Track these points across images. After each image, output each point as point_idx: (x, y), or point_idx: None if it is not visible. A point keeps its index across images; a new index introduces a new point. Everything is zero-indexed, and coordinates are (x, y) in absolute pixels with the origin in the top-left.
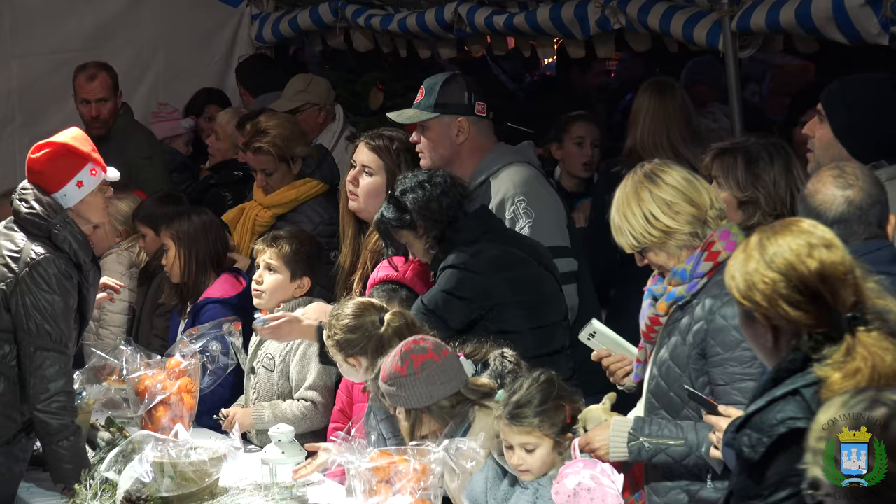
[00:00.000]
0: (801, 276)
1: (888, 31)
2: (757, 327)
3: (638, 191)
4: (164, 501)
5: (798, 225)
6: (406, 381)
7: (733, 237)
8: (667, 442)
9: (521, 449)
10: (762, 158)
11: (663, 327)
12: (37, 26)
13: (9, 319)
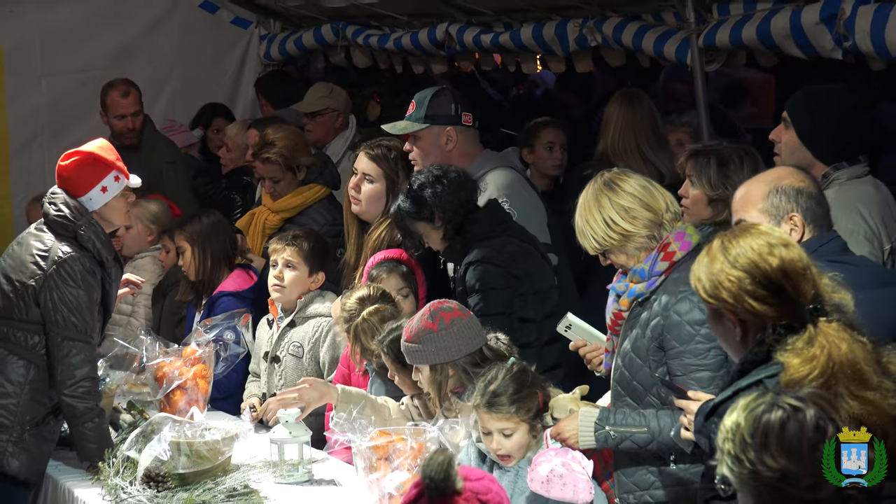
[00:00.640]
0: (765, 273)
1: (841, 47)
2: (725, 324)
3: (598, 198)
4: (181, 478)
5: (757, 228)
6: (437, 335)
7: (688, 237)
8: (630, 430)
9: (500, 434)
10: (733, 161)
11: (626, 321)
12: (64, 47)
13: (38, 312)
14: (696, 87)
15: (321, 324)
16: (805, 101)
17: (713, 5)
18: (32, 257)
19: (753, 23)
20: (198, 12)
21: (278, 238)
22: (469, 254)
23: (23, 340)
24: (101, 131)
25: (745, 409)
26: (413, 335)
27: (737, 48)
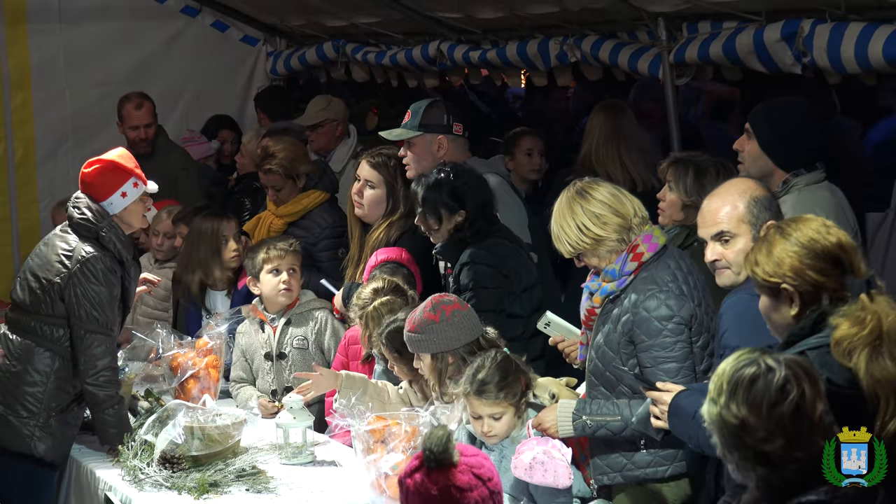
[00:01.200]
0: (824, 247)
1: (800, 62)
2: (781, 302)
3: (571, 205)
4: (194, 459)
5: (807, 217)
6: (438, 326)
7: (655, 239)
8: (606, 419)
9: (490, 418)
10: (710, 172)
11: (598, 317)
12: (86, 63)
13: (63, 307)
14: (667, 99)
15: (319, 316)
16: (766, 114)
17: (683, 24)
18: (58, 257)
19: (720, 40)
20: (209, 31)
21: (278, 248)
22: (463, 255)
23: (49, 333)
24: (121, 141)
25: (735, 359)
26: (416, 325)
27: (705, 63)
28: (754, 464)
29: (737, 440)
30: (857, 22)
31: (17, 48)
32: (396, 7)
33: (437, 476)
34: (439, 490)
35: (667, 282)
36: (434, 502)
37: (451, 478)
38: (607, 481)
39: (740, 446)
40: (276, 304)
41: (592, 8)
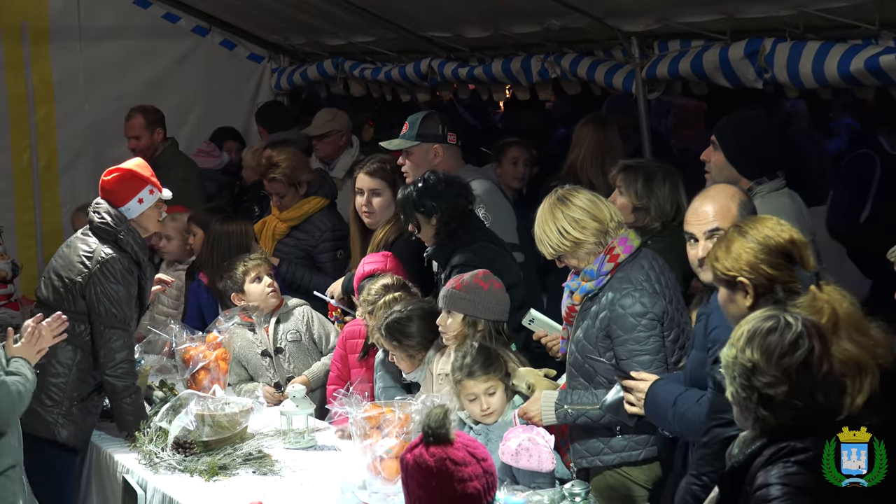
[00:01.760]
0: (778, 244)
1: (762, 78)
2: (737, 293)
3: (553, 211)
4: (205, 444)
5: (763, 217)
6: (483, 293)
7: (630, 242)
8: (586, 408)
9: (485, 394)
10: (657, 177)
11: (578, 314)
12: (104, 78)
13: (84, 304)
14: (640, 112)
15: (301, 311)
16: (730, 126)
17: (654, 43)
18: (79, 258)
19: (688, 57)
20: (218, 49)
21: (253, 259)
22: (453, 256)
23: (71, 328)
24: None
25: (759, 313)
26: (463, 285)
27: (674, 79)
28: (758, 405)
29: (746, 381)
30: (814, 41)
31: (40, 65)
32: (391, 27)
33: (434, 450)
34: (435, 462)
35: (641, 281)
36: (430, 473)
37: (448, 452)
38: (586, 464)
39: (748, 387)
40: (267, 306)
41: (571, 28)
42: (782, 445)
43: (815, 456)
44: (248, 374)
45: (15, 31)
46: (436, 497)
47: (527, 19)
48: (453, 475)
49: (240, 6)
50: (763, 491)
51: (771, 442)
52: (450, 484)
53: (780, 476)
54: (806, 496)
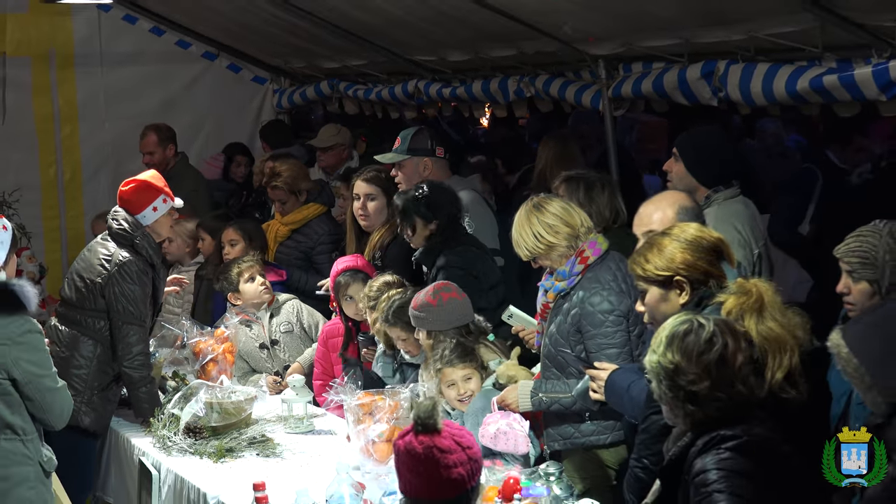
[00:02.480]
0: (708, 242)
1: (716, 96)
2: (671, 291)
3: (529, 217)
4: (213, 429)
5: (683, 224)
6: (435, 309)
7: (598, 245)
8: (559, 396)
9: (463, 380)
10: (596, 186)
11: (551, 310)
12: (123, 100)
13: (103, 303)
14: (606, 128)
15: (291, 305)
16: (690, 140)
17: (619, 65)
18: (99, 261)
19: (650, 78)
20: (225, 72)
21: (245, 261)
22: (439, 259)
23: (91, 325)
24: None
25: (673, 320)
26: (418, 305)
27: (637, 98)
28: (685, 402)
29: (671, 382)
30: (763, 62)
31: (65, 88)
32: (381, 51)
33: (423, 438)
34: (423, 449)
35: (608, 281)
36: (419, 460)
37: (435, 441)
38: (558, 447)
39: (674, 387)
40: (260, 303)
41: (544, 52)
42: (713, 434)
43: (745, 441)
44: (251, 367)
45: (43, 58)
46: (423, 481)
47: (504, 44)
48: (439, 462)
49: (244, 33)
50: (701, 477)
51: (702, 433)
52: (436, 469)
53: (716, 462)
54: (741, 478)
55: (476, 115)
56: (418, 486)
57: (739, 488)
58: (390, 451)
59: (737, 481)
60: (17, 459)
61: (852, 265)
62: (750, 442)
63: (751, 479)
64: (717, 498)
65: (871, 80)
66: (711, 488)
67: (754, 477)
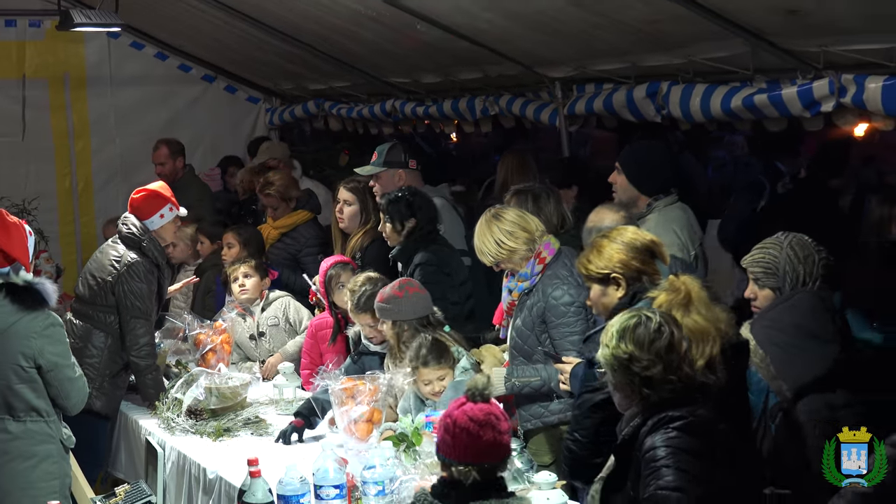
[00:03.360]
0: (642, 243)
1: (660, 113)
2: (609, 287)
3: (489, 226)
4: (212, 412)
5: (622, 227)
6: (400, 300)
7: (552, 246)
8: (530, 380)
9: (437, 380)
10: (543, 197)
11: (516, 307)
12: (131, 118)
13: (113, 299)
14: (562, 142)
15: (281, 301)
16: (630, 155)
17: (573, 86)
18: (110, 261)
19: (601, 97)
20: (222, 93)
21: (235, 265)
22: (416, 257)
23: (103, 319)
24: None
25: (620, 316)
26: (384, 298)
27: (590, 115)
28: (640, 387)
29: (626, 370)
30: (701, 83)
31: (79, 106)
32: (362, 75)
33: (482, 405)
34: (484, 414)
35: (566, 276)
36: (479, 422)
37: (492, 406)
38: (530, 426)
39: (629, 374)
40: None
41: (507, 74)
42: (661, 416)
43: (690, 421)
44: (243, 354)
45: (59, 80)
46: (484, 445)
47: (471, 67)
48: (496, 426)
49: (240, 58)
50: (651, 453)
51: (652, 414)
52: (495, 433)
53: (664, 440)
54: (686, 454)
55: (446, 130)
56: (478, 451)
57: (685, 463)
58: (370, 429)
59: (682, 457)
60: (41, 438)
61: (756, 274)
62: (695, 422)
63: (695, 455)
64: (665, 472)
65: (796, 99)
66: (660, 463)
67: (698, 453)
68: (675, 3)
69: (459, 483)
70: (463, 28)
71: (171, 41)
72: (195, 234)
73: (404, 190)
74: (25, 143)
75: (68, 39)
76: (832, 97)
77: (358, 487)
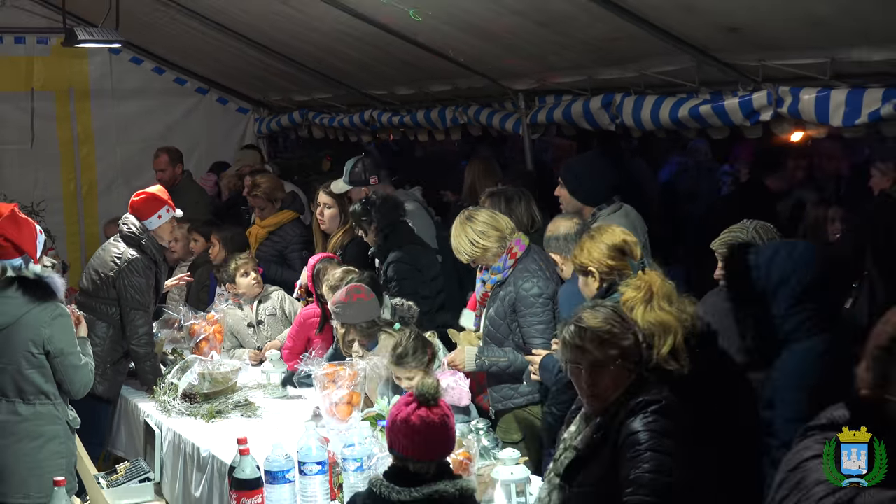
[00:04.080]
0: (615, 243)
1: (614, 122)
2: (589, 279)
3: (464, 227)
4: (205, 395)
5: (607, 225)
6: (345, 306)
7: (522, 242)
8: (497, 360)
9: (406, 379)
10: (515, 199)
11: (490, 298)
12: (131, 126)
13: (115, 293)
14: (525, 148)
15: (277, 295)
16: (569, 169)
17: (535, 97)
18: (112, 258)
19: (560, 108)
20: (215, 104)
21: (241, 258)
22: (389, 255)
23: (105, 310)
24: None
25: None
26: (335, 301)
27: (550, 124)
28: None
29: (580, 350)
30: (651, 95)
31: (83, 117)
32: (342, 87)
33: (434, 409)
34: (439, 417)
35: (535, 270)
36: (436, 426)
37: (442, 408)
38: (500, 407)
39: (579, 359)
40: (252, 293)
41: (475, 87)
42: (638, 400)
43: (664, 405)
44: (238, 341)
45: (64, 93)
46: (441, 445)
47: (442, 81)
48: (447, 424)
49: (231, 72)
50: (633, 437)
51: (629, 398)
52: (450, 430)
53: (644, 424)
54: (665, 437)
55: (419, 138)
56: (437, 450)
57: (666, 447)
58: (350, 411)
59: (662, 440)
60: (50, 419)
61: (724, 255)
62: (669, 405)
63: (672, 437)
64: (647, 457)
65: (738, 109)
66: (642, 447)
67: (675, 436)
68: (628, 23)
69: (417, 474)
70: (436, 45)
71: (167, 56)
72: (188, 234)
73: (363, 200)
74: (34, 150)
75: (73, 55)
76: (770, 107)
77: (338, 464)
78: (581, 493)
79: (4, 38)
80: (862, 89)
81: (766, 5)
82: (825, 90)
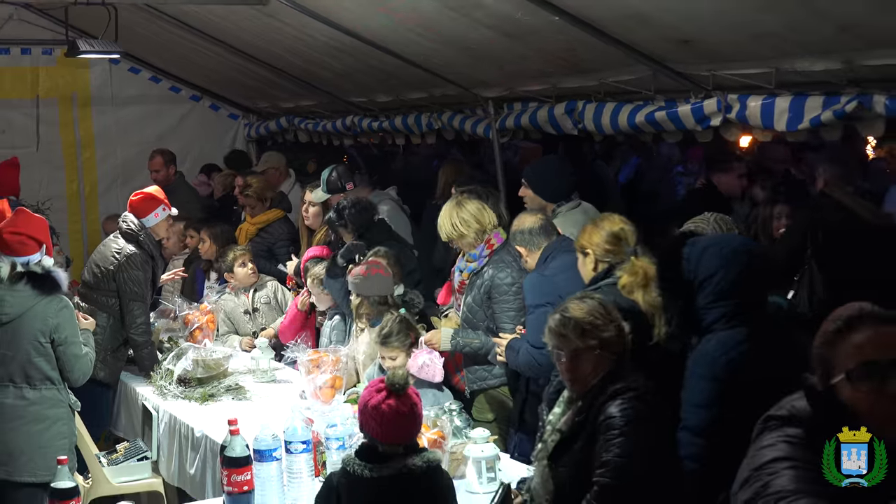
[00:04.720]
0: (612, 231)
1: (577, 127)
2: (586, 259)
3: (452, 209)
4: (199, 380)
5: (608, 214)
6: (363, 279)
7: (500, 235)
8: (471, 341)
9: (389, 359)
10: (483, 197)
11: (467, 286)
12: (130, 130)
13: (114, 285)
14: (495, 152)
15: (271, 284)
16: (532, 170)
17: (504, 104)
18: (112, 253)
19: (527, 114)
20: (207, 110)
21: (239, 250)
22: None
23: (105, 301)
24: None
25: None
26: (354, 274)
27: (517, 129)
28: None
29: (563, 338)
30: (611, 102)
31: (85, 122)
32: (326, 95)
33: (405, 399)
34: (408, 406)
35: (510, 261)
36: (406, 415)
37: (411, 396)
38: (475, 388)
39: (561, 346)
40: (248, 282)
41: (448, 94)
42: (617, 386)
43: (640, 392)
44: (234, 327)
45: (67, 100)
46: (410, 430)
47: (418, 89)
48: (416, 411)
49: (223, 81)
50: (609, 421)
51: (608, 384)
52: (419, 415)
53: (620, 408)
54: (640, 422)
55: (397, 142)
56: (407, 434)
57: (640, 432)
58: (333, 394)
59: (638, 426)
60: (53, 403)
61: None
62: (644, 392)
63: (648, 422)
64: (620, 442)
65: (690, 115)
66: (616, 432)
67: (650, 421)
68: (589, 36)
69: (386, 454)
70: (413, 56)
71: (163, 66)
72: (184, 231)
73: (335, 207)
74: (39, 153)
75: (75, 65)
76: (720, 113)
77: (322, 442)
78: (566, 473)
79: (11, 49)
80: (804, 97)
81: (716, 20)
82: (770, 97)
